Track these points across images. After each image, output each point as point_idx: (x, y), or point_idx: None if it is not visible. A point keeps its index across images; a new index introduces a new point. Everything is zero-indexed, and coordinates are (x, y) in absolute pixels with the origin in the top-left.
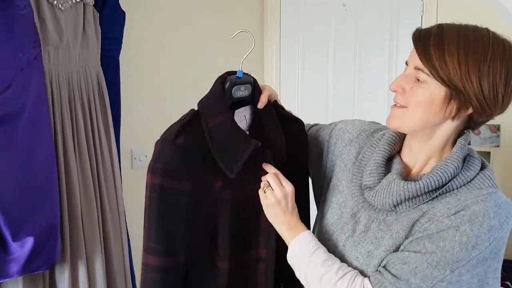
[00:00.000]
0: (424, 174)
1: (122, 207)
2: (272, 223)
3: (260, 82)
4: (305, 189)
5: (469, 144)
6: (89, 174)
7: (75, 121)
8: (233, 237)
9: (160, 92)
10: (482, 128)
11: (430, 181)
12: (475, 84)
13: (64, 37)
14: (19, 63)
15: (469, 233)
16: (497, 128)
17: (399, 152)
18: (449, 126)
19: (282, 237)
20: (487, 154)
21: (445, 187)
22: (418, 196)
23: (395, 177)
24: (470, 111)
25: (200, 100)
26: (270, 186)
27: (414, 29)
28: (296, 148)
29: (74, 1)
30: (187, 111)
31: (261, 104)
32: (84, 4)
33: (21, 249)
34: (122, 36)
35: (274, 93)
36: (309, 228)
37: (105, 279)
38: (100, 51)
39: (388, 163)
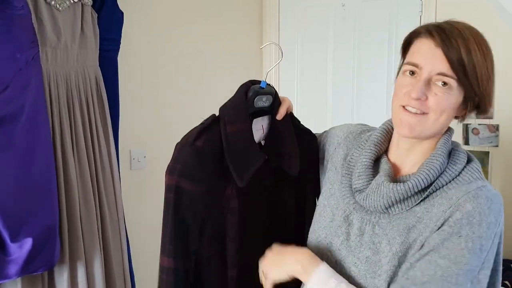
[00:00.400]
0: (412, 174)
1: (121, 207)
2: (286, 274)
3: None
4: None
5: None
6: (87, 175)
7: (73, 121)
8: (240, 245)
9: (158, 92)
10: (481, 128)
11: (418, 181)
12: (491, 89)
13: (62, 37)
14: (17, 64)
15: (472, 236)
16: (496, 128)
17: (386, 151)
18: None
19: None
20: (486, 154)
21: (434, 184)
22: (409, 197)
23: (383, 179)
24: (473, 113)
25: (222, 106)
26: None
27: (415, 28)
28: (309, 160)
29: (72, 1)
30: (186, 111)
31: (279, 116)
32: (82, 4)
33: (19, 250)
34: (120, 36)
35: (292, 105)
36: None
37: (104, 280)
38: (98, 51)
39: (375, 163)
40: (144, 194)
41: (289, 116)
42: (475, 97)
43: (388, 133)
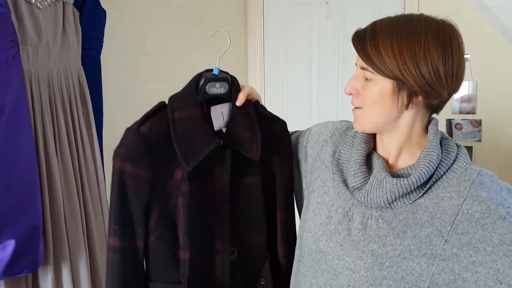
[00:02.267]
0: (409, 167)
1: (106, 207)
2: None
3: (243, 81)
4: (290, 189)
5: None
6: (71, 175)
7: (56, 121)
8: (192, 229)
9: (142, 91)
10: (464, 123)
11: (421, 174)
12: (413, 71)
13: (43, 36)
14: None
15: (510, 211)
16: (479, 123)
17: (374, 148)
18: (409, 115)
19: None
20: (469, 149)
21: (434, 175)
22: (412, 191)
23: (384, 174)
24: (420, 97)
25: (173, 94)
26: None
27: None
28: (278, 148)
29: (53, 0)
30: None
31: (238, 102)
32: (63, 3)
33: (2, 252)
34: (103, 35)
35: (256, 93)
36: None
37: (90, 281)
38: (80, 50)
39: (367, 161)
40: None
41: (253, 103)
42: (405, 84)
43: None
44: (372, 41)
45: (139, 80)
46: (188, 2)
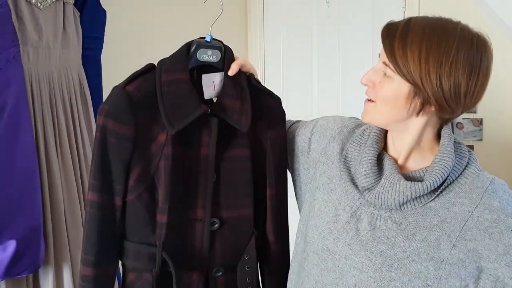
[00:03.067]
0: (422, 170)
1: None
2: None
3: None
4: (282, 166)
5: None
6: (72, 175)
7: (56, 121)
8: (172, 193)
9: None
10: (466, 122)
11: (435, 179)
12: (434, 82)
13: (44, 36)
14: None
15: None
16: (480, 122)
17: (384, 148)
18: (419, 121)
19: None
20: (470, 148)
21: (446, 180)
22: (424, 195)
23: (398, 177)
24: (433, 108)
25: (162, 58)
26: None
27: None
28: (270, 122)
29: (53, 0)
30: None
31: (231, 72)
32: (64, 3)
33: (3, 253)
34: (103, 35)
35: (250, 66)
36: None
37: None
38: (81, 50)
39: (377, 160)
40: None
41: (246, 75)
42: (422, 92)
43: (385, 130)
44: (401, 40)
45: None
46: (188, 4)
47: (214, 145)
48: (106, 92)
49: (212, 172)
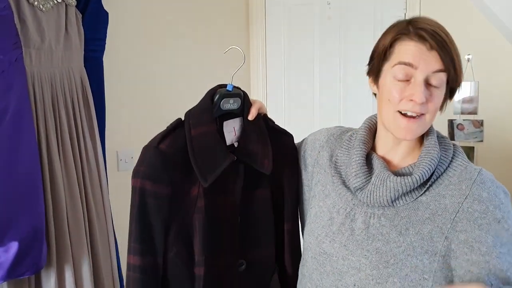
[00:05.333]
0: (410, 166)
1: (109, 209)
2: None
3: (245, 82)
4: (296, 200)
5: None
6: (74, 177)
7: (59, 123)
8: (207, 245)
9: (145, 93)
10: (466, 124)
11: (423, 172)
12: (461, 79)
13: (46, 38)
14: (0, 66)
15: (505, 216)
16: (480, 123)
17: (372, 148)
18: None
19: None
20: (471, 149)
21: (434, 173)
22: (415, 189)
23: (387, 173)
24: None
25: (188, 110)
26: None
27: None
28: (286, 161)
29: (55, 2)
30: (172, 111)
31: (251, 116)
32: (66, 5)
33: (5, 254)
34: (105, 36)
35: (264, 107)
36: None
37: (92, 282)
38: (83, 52)
39: (366, 161)
40: None
41: (262, 117)
42: (454, 88)
43: (371, 130)
44: (453, 49)
45: (141, 80)
46: (191, 3)
47: (240, 190)
48: (108, 94)
49: (237, 216)
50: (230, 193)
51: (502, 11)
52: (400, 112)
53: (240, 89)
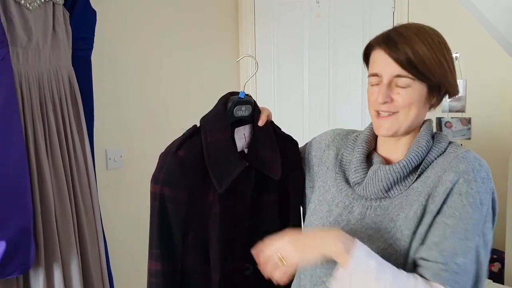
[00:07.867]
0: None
1: (98, 208)
2: (319, 255)
3: (234, 81)
4: (300, 206)
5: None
6: (62, 176)
7: (46, 122)
8: (221, 250)
9: (133, 91)
10: (454, 121)
11: (410, 158)
12: (447, 71)
13: (33, 37)
14: None
15: (470, 192)
16: (468, 121)
17: (374, 149)
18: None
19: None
20: None
21: (424, 160)
22: (406, 177)
23: (379, 165)
24: (445, 96)
25: (203, 117)
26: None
27: (380, 32)
28: (292, 166)
29: (43, 1)
30: (163, 109)
31: (261, 122)
32: (53, 4)
33: None
34: (93, 35)
35: (271, 114)
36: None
37: (81, 282)
38: (71, 51)
39: (368, 160)
40: (121, 195)
41: (270, 124)
42: (438, 84)
43: (374, 132)
44: (411, 50)
45: (129, 79)
46: (180, 3)
47: (249, 195)
48: (96, 93)
49: (246, 220)
50: (242, 198)
51: (487, 9)
52: (378, 112)
53: (250, 96)
